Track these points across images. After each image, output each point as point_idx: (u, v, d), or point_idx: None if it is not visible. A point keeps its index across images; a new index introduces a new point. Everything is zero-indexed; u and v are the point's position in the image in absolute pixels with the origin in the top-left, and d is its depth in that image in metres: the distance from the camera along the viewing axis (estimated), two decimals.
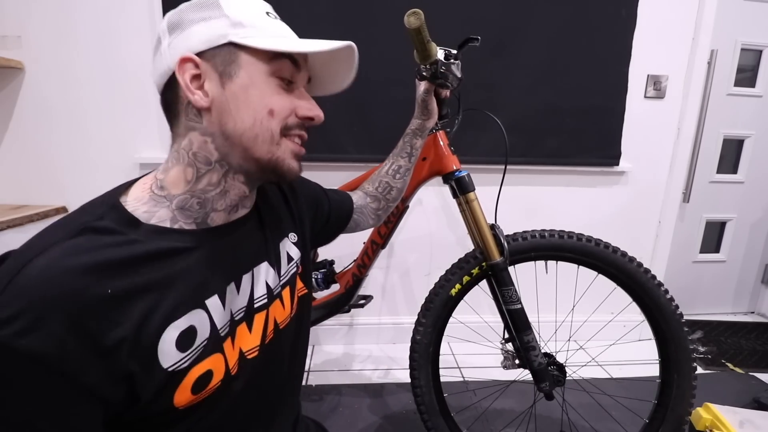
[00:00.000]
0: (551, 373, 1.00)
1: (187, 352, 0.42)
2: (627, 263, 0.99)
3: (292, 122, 0.49)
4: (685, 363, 0.98)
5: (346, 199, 0.82)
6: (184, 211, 0.47)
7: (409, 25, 0.72)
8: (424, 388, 1.04)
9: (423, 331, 1.04)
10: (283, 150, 0.49)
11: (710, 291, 2.12)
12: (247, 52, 0.46)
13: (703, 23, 1.62)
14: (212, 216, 0.49)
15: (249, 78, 0.46)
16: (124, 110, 1.47)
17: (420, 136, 0.89)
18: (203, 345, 0.44)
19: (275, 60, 0.47)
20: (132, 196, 0.46)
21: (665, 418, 1.00)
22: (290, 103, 0.49)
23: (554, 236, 1.01)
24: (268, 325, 0.54)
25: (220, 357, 0.46)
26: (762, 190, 2.02)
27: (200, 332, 0.44)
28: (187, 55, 0.45)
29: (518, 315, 0.98)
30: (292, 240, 0.62)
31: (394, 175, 0.88)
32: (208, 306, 0.45)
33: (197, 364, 0.44)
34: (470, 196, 0.99)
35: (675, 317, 0.97)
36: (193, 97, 0.45)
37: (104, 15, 1.41)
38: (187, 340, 0.43)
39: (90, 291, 0.36)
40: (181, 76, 0.45)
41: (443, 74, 0.82)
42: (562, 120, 1.62)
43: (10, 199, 1.48)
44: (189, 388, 0.43)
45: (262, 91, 0.46)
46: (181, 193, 0.47)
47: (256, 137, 0.47)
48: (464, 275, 1.02)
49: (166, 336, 0.41)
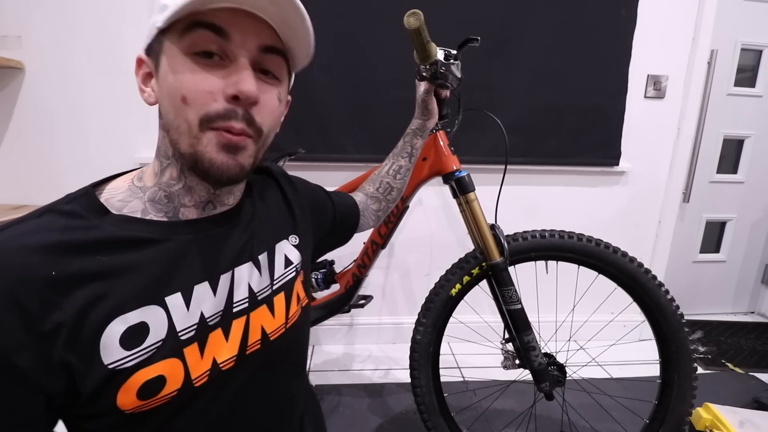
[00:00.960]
0: (551, 373, 1.00)
1: (132, 351, 0.38)
2: (627, 263, 0.99)
3: (216, 110, 0.41)
4: (685, 363, 0.98)
5: (350, 202, 0.80)
6: (155, 204, 0.45)
7: (408, 26, 0.72)
8: (424, 388, 1.04)
9: (423, 331, 1.04)
10: (204, 143, 0.42)
11: (710, 291, 2.12)
12: (166, 36, 0.42)
13: (703, 23, 1.62)
14: (182, 211, 0.46)
15: (167, 65, 0.42)
16: (124, 110, 1.47)
17: (420, 136, 0.88)
18: (155, 346, 0.40)
19: (187, 33, 0.41)
20: (111, 185, 0.46)
21: (666, 419, 1.00)
22: (211, 83, 0.41)
23: (554, 236, 1.01)
24: (250, 334, 0.48)
25: (177, 363, 0.41)
26: (762, 190, 2.02)
27: (153, 331, 0.40)
28: (138, 55, 0.46)
29: (518, 315, 0.98)
30: (293, 242, 0.58)
31: (395, 176, 0.87)
32: (168, 303, 0.41)
33: (145, 367, 0.39)
34: (470, 196, 0.99)
35: (675, 317, 0.97)
36: (143, 95, 0.46)
37: (104, 15, 1.41)
38: (135, 338, 0.39)
39: (34, 269, 0.35)
40: (136, 76, 0.46)
41: (443, 74, 0.82)
42: (562, 120, 1.62)
43: (10, 199, 1.48)
44: (134, 392, 0.39)
45: (176, 74, 0.41)
46: (151, 186, 0.46)
47: (177, 129, 0.42)
48: (464, 275, 1.02)
49: (111, 329, 0.38)
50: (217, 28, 0.41)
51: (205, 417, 0.45)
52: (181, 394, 0.41)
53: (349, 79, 1.50)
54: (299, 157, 1.38)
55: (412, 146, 0.88)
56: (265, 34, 0.44)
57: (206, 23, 0.40)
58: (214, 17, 0.40)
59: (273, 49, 0.45)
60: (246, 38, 0.42)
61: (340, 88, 1.51)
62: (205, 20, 0.40)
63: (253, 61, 0.43)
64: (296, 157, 1.35)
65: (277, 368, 0.53)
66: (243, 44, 0.42)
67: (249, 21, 0.42)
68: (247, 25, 0.42)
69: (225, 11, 0.41)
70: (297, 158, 1.40)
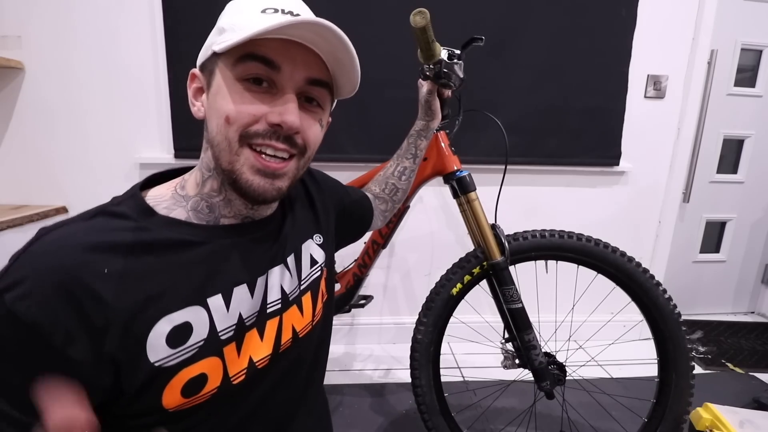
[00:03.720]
0: (552, 372, 1.00)
1: (177, 349, 0.40)
2: (626, 263, 0.99)
3: (257, 129, 0.44)
4: (683, 362, 0.99)
5: (366, 200, 0.81)
6: (197, 213, 0.47)
7: (414, 24, 0.71)
8: (425, 388, 1.04)
9: (424, 330, 1.04)
10: (242, 162, 0.44)
11: (710, 291, 2.12)
12: (220, 58, 0.44)
13: (703, 23, 1.62)
14: (222, 221, 0.49)
15: (218, 85, 0.45)
16: (124, 110, 1.47)
17: (424, 137, 0.89)
18: (198, 345, 0.42)
19: (241, 62, 0.43)
20: (156, 191, 0.48)
21: (664, 417, 1.01)
22: (257, 108, 0.43)
23: (554, 236, 1.01)
24: (283, 333, 0.51)
25: (217, 361, 0.44)
26: (762, 190, 2.02)
27: (196, 331, 0.42)
28: (192, 71, 0.49)
29: (519, 314, 0.98)
30: (317, 242, 0.60)
31: (400, 177, 0.88)
32: (210, 305, 0.44)
33: (189, 365, 0.41)
34: (471, 195, 0.99)
35: (673, 317, 0.98)
36: (192, 108, 0.48)
37: (104, 15, 1.41)
38: (180, 337, 0.41)
39: (88, 267, 0.37)
40: (188, 89, 0.49)
41: (446, 74, 0.82)
42: (562, 120, 1.62)
43: (10, 199, 1.48)
44: (179, 390, 0.41)
45: (225, 98, 0.44)
46: (194, 195, 0.48)
47: (219, 145, 0.45)
48: (465, 274, 1.02)
49: (158, 328, 0.39)
50: (269, 61, 0.43)
51: (238, 413, 0.47)
52: (220, 391, 0.44)
53: None
54: None
55: (416, 147, 0.88)
56: (313, 66, 0.46)
57: (259, 56, 0.43)
58: (267, 49, 0.43)
59: (319, 82, 0.47)
60: (295, 71, 0.44)
61: None
62: (258, 53, 0.42)
63: (299, 91, 0.46)
64: None
65: (304, 363, 0.56)
66: (291, 77, 0.44)
67: (300, 52, 0.44)
68: (297, 56, 0.44)
69: (278, 41, 0.43)
70: None
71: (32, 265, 0.36)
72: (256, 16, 0.43)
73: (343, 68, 0.47)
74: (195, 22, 1.40)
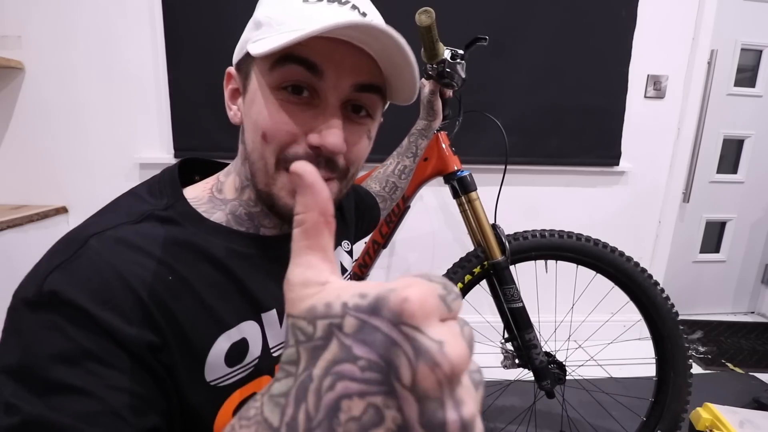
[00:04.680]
0: (552, 371, 1.00)
1: (234, 368, 0.38)
2: (625, 263, 1.00)
3: (297, 152, 0.38)
4: (680, 361, 1.00)
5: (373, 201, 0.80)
6: (237, 218, 0.44)
7: (420, 23, 0.71)
8: None
9: None
10: (279, 186, 0.39)
11: (710, 291, 2.12)
12: (255, 60, 0.39)
13: (703, 23, 1.62)
14: (262, 230, 0.46)
15: (254, 93, 0.39)
16: (124, 110, 1.47)
17: (425, 136, 0.89)
18: (253, 364, 0.39)
19: (278, 65, 0.37)
20: (192, 192, 0.44)
21: (662, 416, 1.02)
22: (295, 125, 0.38)
23: (554, 236, 1.01)
24: None
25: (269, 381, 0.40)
26: (762, 190, 2.02)
27: (252, 348, 0.39)
28: (228, 69, 0.43)
29: (519, 313, 0.98)
30: (346, 248, 0.58)
31: (400, 176, 0.87)
32: (264, 320, 0.41)
33: (244, 385, 0.38)
34: (472, 195, 0.99)
35: (670, 316, 0.99)
36: (229, 113, 0.43)
37: (104, 15, 1.41)
38: (237, 355, 0.38)
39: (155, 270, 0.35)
40: (225, 89, 0.44)
41: (449, 74, 0.83)
42: (563, 120, 1.62)
43: (10, 199, 1.48)
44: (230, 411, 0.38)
45: (261, 110, 0.38)
46: (232, 199, 0.44)
47: (255, 164, 0.40)
48: (466, 274, 1.02)
49: (218, 345, 0.37)
50: (311, 64, 0.36)
51: None
52: None
53: None
54: None
55: (417, 146, 0.88)
56: (363, 70, 0.38)
57: (299, 58, 0.36)
58: (309, 50, 0.36)
59: (369, 87, 0.40)
60: (341, 77, 0.37)
61: None
62: (299, 54, 0.36)
63: (345, 100, 0.39)
64: None
65: None
66: (336, 85, 0.38)
67: (348, 53, 0.37)
68: (345, 59, 0.37)
69: (322, 40, 0.35)
70: None
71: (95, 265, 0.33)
72: (297, 7, 0.37)
73: (398, 70, 0.39)
74: (195, 22, 1.40)
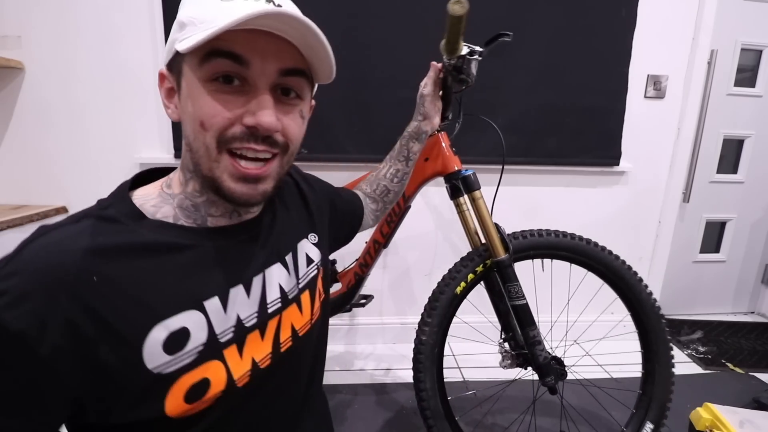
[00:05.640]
0: (555, 367, 1.01)
1: (175, 356, 0.39)
2: (614, 261, 1.04)
3: (234, 133, 0.41)
4: (664, 353, 1.05)
5: (356, 198, 0.81)
6: (184, 211, 0.46)
7: (452, 13, 0.68)
8: (430, 392, 0.99)
9: (429, 331, 1.00)
10: (222, 170, 0.42)
11: (710, 291, 2.12)
12: (185, 58, 0.41)
13: (703, 23, 1.62)
14: (210, 219, 0.47)
15: (187, 87, 0.42)
16: (124, 110, 1.47)
17: (417, 139, 0.85)
18: (197, 350, 0.41)
19: (206, 61, 0.40)
20: (143, 191, 0.47)
21: (650, 407, 1.06)
22: (231, 110, 0.41)
23: (551, 235, 1.04)
24: (281, 332, 0.50)
25: (219, 365, 0.42)
26: (762, 190, 2.02)
27: (194, 336, 0.41)
28: (160, 70, 0.46)
29: (523, 310, 0.99)
30: (312, 241, 0.59)
31: (392, 179, 0.86)
32: (207, 308, 0.42)
33: (190, 371, 0.40)
34: (476, 194, 1.00)
35: (654, 310, 1.05)
36: (166, 111, 0.46)
37: (104, 15, 1.41)
38: (177, 343, 0.40)
39: (78, 273, 0.36)
40: (160, 90, 0.46)
41: (465, 70, 0.82)
42: (562, 120, 1.62)
43: (10, 199, 1.48)
44: (181, 396, 0.39)
45: (196, 102, 0.41)
46: (179, 193, 0.47)
47: (197, 152, 0.43)
48: (469, 273, 1.02)
49: (154, 334, 0.38)
50: (236, 56, 0.39)
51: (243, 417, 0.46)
52: (225, 395, 0.43)
53: (350, 79, 1.50)
54: (301, 157, 1.38)
55: (408, 150, 0.86)
56: (286, 56, 0.42)
57: (225, 52, 0.39)
58: (233, 43, 0.39)
59: (294, 71, 0.44)
60: (266, 64, 0.41)
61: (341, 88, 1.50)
62: (224, 48, 0.39)
63: (274, 84, 0.43)
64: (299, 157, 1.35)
65: (305, 363, 0.55)
66: (263, 71, 0.41)
67: (269, 42, 0.41)
68: (268, 47, 0.41)
69: (243, 32, 0.39)
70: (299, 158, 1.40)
71: (18, 274, 0.35)
72: (216, 5, 0.39)
73: (316, 53, 0.44)
74: None
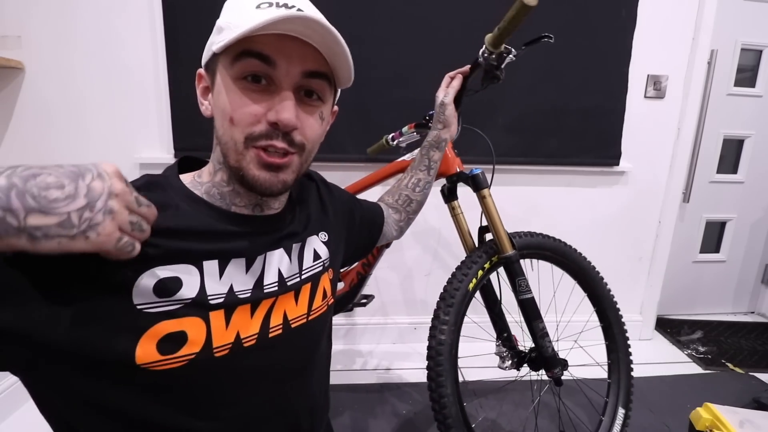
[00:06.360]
0: (560, 358, 1.02)
1: (162, 299, 0.41)
2: (583, 261, 1.13)
3: (259, 131, 0.45)
4: (623, 343, 1.16)
5: (376, 208, 0.82)
6: (210, 197, 0.50)
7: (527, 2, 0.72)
8: (451, 397, 0.86)
9: (447, 330, 0.91)
10: (248, 160, 0.46)
11: (710, 291, 2.12)
12: (220, 58, 0.46)
13: (703, 23, 1.62)
14: (233, 208, 0.51)
15: (220, 86, 0.46)
16: (124, 110, 1.47)
17: (437, 148, 0.89)
18: (184, 301, 0.42)
19: (237, 61, 0.44)
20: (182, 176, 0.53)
21: (618, 393, 1.14)
22: (257, 108, 0.45)
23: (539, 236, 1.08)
24: (272, 316, 0.50)
25: (201, 324, 0.43)
26: (762, 190, 2.02)
27: (186, 288, 0.43)
28: (198, 71, 0.51)
29: (530, 304, 0.99)
30: (322, 239, 0.61)
31: (414, 189, 0.88)
32: (204, 267, 0.45)
33: (170, 319, 0.41)
34: (484, 192, 1.00)
35: (612, 305, 1.16)
36: (201, 107, 0.51)
37: (104, 15, 1.41)
38: (168, 289, 0.42)
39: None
40: (197, 88, 0.52)
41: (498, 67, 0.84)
42: (562, 120, 1.62)
43: None
44: (154, 342, 0.40)
45: (225, 99, 0.45)
46: (207, 182, 0.51)
47: (226, 144, 0.47)
48: (479, 269, 1.01)
49: (149, 273, 0.41)
50: (264, 56, 0.44)
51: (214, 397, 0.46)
52: (199, 358, 0.43)
53: None
54: None
55: (429, 159, 0.89)
56: (309, 59, 0.46)
57: (254, 52, 0.44)
58: (262, 45, 0.43)
59: (317, 74, 0.47)
60: (291, 65, 0.45)
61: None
62: (254, 49, 0.43)
63: (297, 85, 0.46)
64: None
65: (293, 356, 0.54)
66: (287, 72, 0.45)
67: (295, 46, 0.45)
68: (293, 50, 0.45)
69: (272, 36, 0.43)
70: None
71: None
72: (251, 13, 0.43)
73: (337, 58, 0.48)
74: (195, 22, 1.40)
